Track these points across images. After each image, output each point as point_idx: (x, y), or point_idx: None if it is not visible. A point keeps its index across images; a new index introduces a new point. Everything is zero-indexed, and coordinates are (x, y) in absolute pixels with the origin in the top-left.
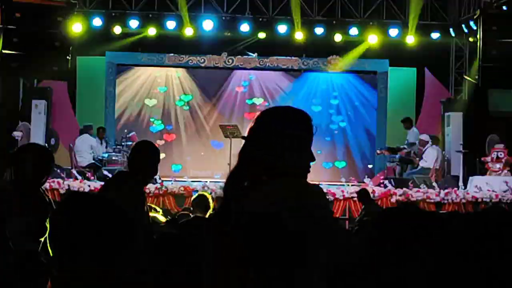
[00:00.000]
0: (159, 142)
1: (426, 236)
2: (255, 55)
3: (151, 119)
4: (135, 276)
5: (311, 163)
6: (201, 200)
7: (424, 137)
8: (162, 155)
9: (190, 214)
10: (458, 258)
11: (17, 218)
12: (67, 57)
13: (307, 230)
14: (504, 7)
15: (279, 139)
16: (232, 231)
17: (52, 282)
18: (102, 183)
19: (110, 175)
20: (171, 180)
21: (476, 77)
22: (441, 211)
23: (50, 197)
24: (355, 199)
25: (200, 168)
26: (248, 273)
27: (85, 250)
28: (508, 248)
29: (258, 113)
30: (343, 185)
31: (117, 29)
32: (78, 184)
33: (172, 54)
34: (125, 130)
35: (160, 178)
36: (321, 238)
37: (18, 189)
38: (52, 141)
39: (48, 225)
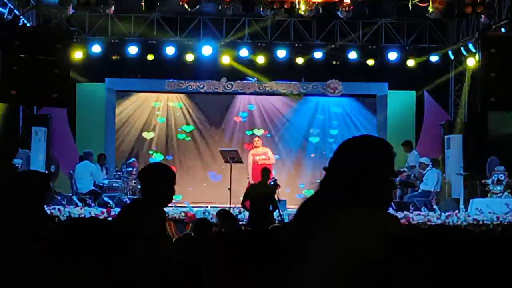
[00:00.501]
0: None
1: (427, 237)
2: (254, 79)
3: (150, 151)
4: (135, 276)
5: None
6: (203, 225)
7: (424, 160)
8: None
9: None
10: (458, 258)
11: (17, 217)
12: (67, 84)
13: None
14: (503, 29)
15: (360, 168)
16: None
17: (52, 281)
18: (103, 209)
19: (110, 202)
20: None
21: (476, 99)
22: None
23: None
24: None
25: (201, 196)
26: (248, 273)
27: (85, 254)
28: (507, 249)
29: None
30: None
31: (117, 56)
32: (79, 211)
33: (171, 80)
34: (127, 158)
35: None
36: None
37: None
38: (52, 168)
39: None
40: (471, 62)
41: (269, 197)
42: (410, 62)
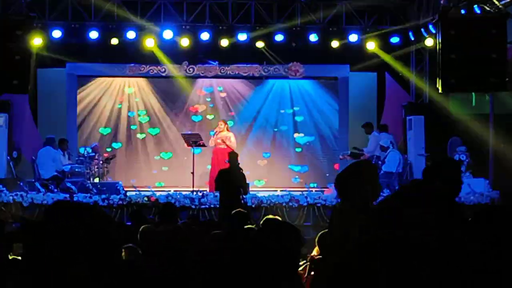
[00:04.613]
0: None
1: None
2: (216, 63)
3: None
4: None
5: None
6: (169, 209)
7: (384, 143)
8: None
9: None
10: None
11: None
12: (28, 70)
13: None
14: (463, 11)
15: None
16: None
17: None
18: (66, 195)
19: (73, 187)
20: (134, 191)
21: (437, 80)
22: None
23: None
24: (319, 205)
25: (164, 180)
26: None
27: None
28: None
29: None
30: (307, 191)
31: (77, 40)
32: (41, 197)
33: (133, 64)
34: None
35: (123, 189)
36: None
37: None
38: (15, 154)
39: None
40: (431, 43)
41: (239, 181)
42: (371, 45)
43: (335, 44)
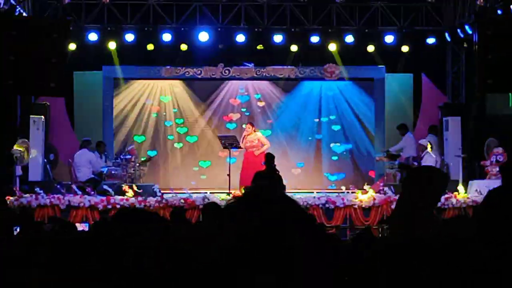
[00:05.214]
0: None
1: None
2: (251, 65)
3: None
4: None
5: None
6: (212, 208)
7: (423, 142)
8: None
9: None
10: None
11: None
12: (64, 73)
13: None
14: (499, 11)
15: None
16: None
17: None
18: (103, 197)
19: (110, 190)
20: (171, 193)
21: (473, 81)
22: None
23: None
24: (356, 206)
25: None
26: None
27: None
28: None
29: None
30: (343, 193)
31: (113, 44)
32: (78, 200)
33: (168, 67)
34: (127, 146)
35: (160, 191)
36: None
37: None
38: (51, 157)
39: None
40: (468, 44)
41: (275, 183)
42: (406, 47)
43: (370, 45)
